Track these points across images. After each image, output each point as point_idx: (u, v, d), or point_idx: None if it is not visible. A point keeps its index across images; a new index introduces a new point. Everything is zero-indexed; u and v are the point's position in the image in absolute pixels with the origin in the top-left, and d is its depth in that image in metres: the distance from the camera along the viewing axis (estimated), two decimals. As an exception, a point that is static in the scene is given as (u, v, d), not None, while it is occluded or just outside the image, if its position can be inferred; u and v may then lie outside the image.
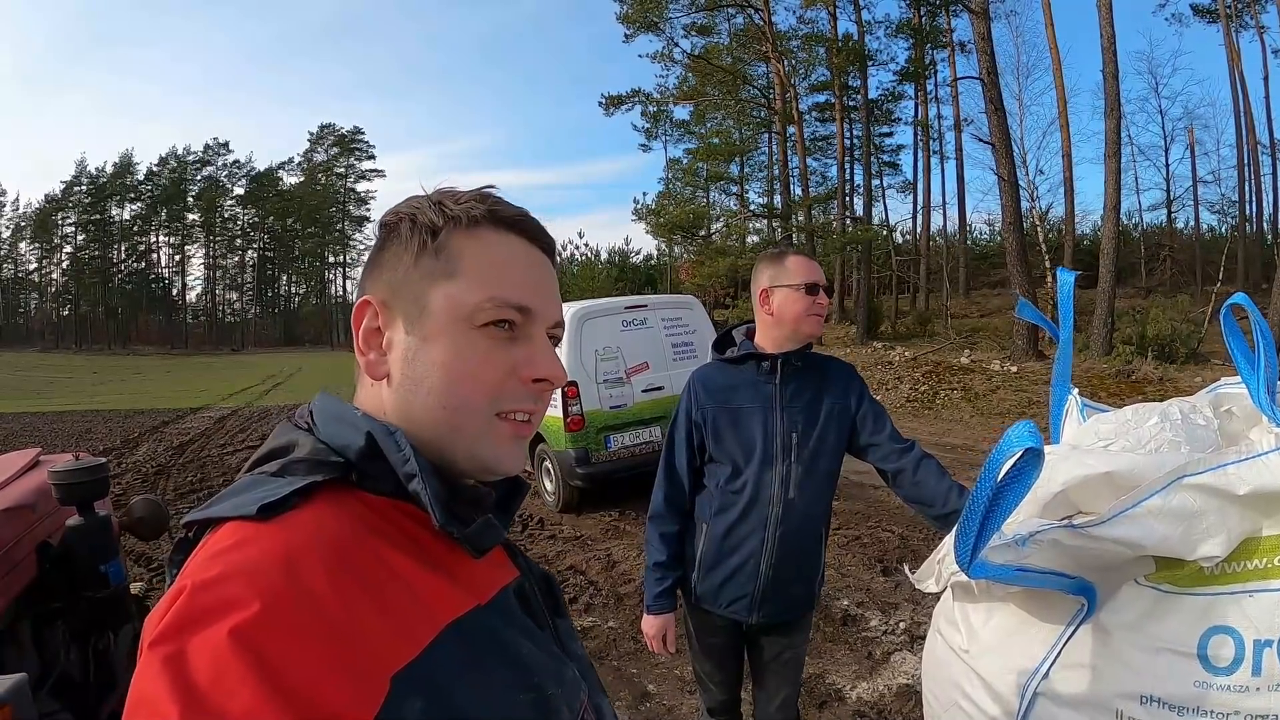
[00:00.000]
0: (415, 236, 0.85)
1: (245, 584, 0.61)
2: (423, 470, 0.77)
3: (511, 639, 0.81)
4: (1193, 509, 1.20)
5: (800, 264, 2.44)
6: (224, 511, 0.71)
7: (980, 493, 1.10)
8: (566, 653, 0.93)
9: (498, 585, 0.87)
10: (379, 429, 0.79)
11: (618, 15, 28.98)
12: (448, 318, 0.83)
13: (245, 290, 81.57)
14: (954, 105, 38.24)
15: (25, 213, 77.58)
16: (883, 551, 6.36)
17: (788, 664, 2.62)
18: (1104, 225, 21.12)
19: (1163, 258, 36.05)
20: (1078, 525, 1.25)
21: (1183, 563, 1.25)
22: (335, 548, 0.69)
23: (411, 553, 0.76)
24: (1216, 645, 1.21)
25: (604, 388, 7.91)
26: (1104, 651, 1.31)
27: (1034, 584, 1.31)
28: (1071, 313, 1.81)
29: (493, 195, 0.89)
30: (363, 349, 0.85)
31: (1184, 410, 1.61)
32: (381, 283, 0.86)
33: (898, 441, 2.44)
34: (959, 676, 1.59)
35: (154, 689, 0.56)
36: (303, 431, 0.83)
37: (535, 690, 0.78)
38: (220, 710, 0.54)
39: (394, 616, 0.68)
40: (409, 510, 0.79)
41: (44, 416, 20.39)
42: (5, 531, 2.88)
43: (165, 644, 0.59)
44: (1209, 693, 1.19)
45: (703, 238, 31.51)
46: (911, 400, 16.23)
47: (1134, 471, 1.29)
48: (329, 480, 0.76)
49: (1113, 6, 19.92)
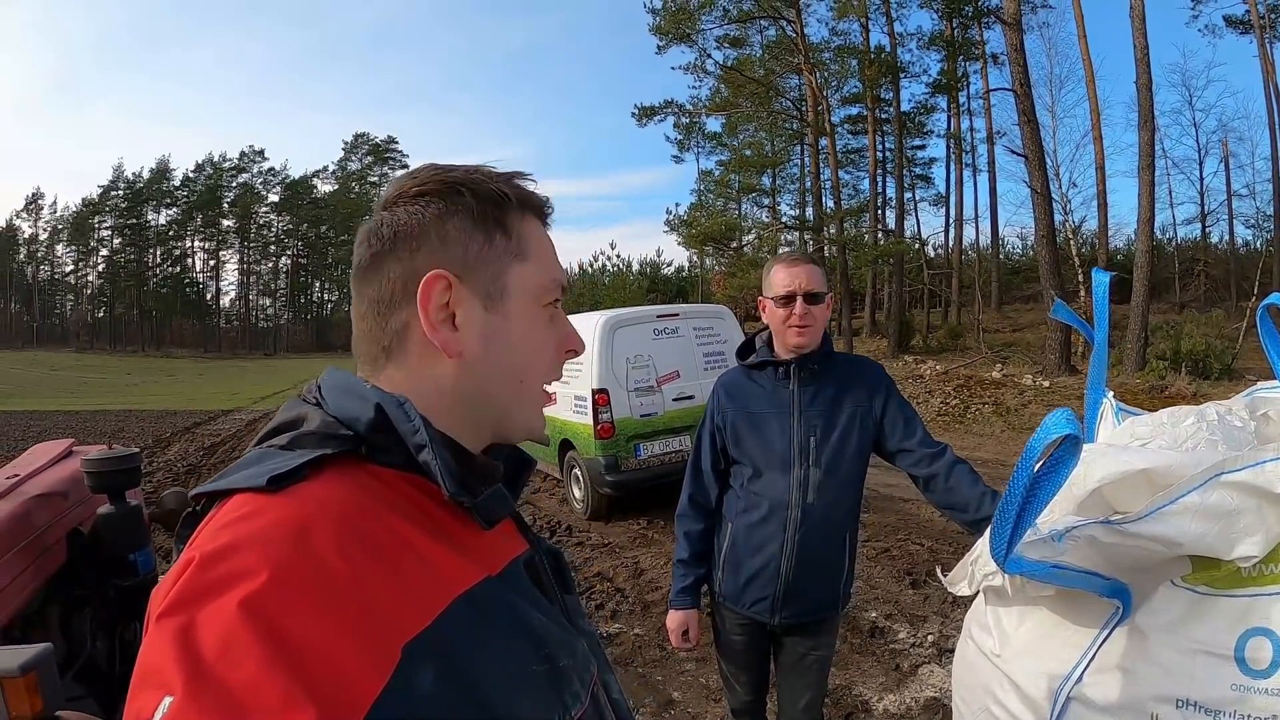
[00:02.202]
0: (485, 211, 0.86)
1: (255, 554, 0.61)
2: (433, 441, 0.77)
3: (523, 610, 0.80)
4: (1230, 507, 1.17)
5: (780, 274, 2.45)
6: (233, 484, 0.71)
7: (1017, 482, 1.08)
8: (575, 628, 0.93)
9: (508, 557, 0.87)
10: (388, 400, 0.79)
11: (651, 27, 29.06)
12: (524, 296, 0.88)
13: (279, 296, 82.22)
14: (987, 117, 38.07)
15: (63, 216, 78.71)
16: (912, 564, 6.30)
17: (812, 666, 2.60)
18: (1138, 239, 20.91)
19: (1197, 272, 35.66)
20: (1114, 522, 1.23)
21: (1219, 563, 1.22)
22: (345, 518, 0.68)
23: (422, 524, 0.76)
24: (1255, 647, 1.18)
25: (634, 396, 7.90)
26: (1139, 654, 1.29)
27: (1069, 583, 1.29)
28: (1107, 315, 1.79)
29: (526, 180, 0.92)
30: (433, 324, 0.83)
31: (1220, 412, 1.59)
32: (449, 257, 0.84)
33: (929, 446, 2.43)
34: (990, 681, 1.57)
35: (161, 660, 0.56)
36: (311, 405, 0.83)
37: (548, 661, 0.78)
38: (227, 681, 0.54)
39: (405, 587, 0.67)
40: (419, 482, 0.78)
41: (78, 415, 20.69)
42: (38, 517, 2.92)
43: (174, 615, 0.58)
44: (1247, 696, 1.17)
45: (735, 249, 31.53)
46: (942, 414, 16.10)
47: (1171, 469, 1.27)
48: (339, 453, 0.76)
49: (1146, 18, 19.77)
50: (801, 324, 2.41)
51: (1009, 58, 22.70)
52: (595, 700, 0.85)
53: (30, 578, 2.80)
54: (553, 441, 8.80)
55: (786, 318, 2.42)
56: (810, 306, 2.40)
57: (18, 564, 2.74)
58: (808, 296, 2.40)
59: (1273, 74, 31.37)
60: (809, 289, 2.40)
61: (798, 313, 2.40)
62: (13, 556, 2.72)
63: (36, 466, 3.33)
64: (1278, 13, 30.86)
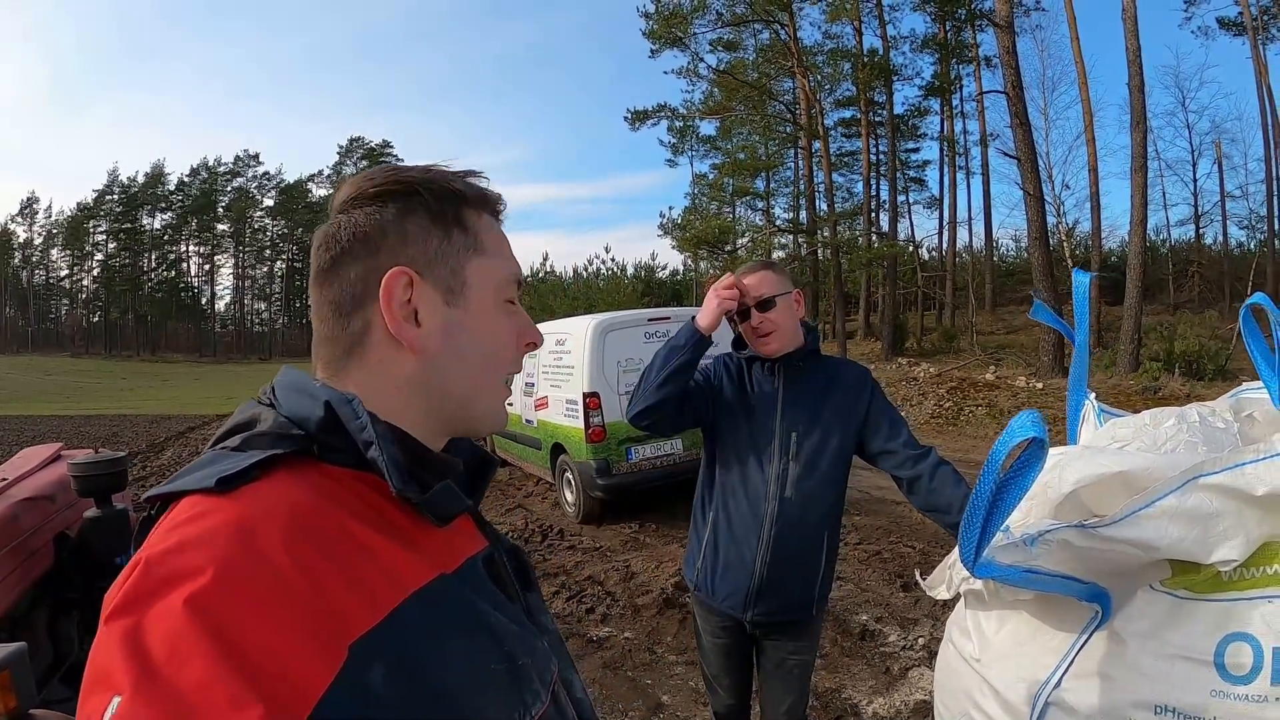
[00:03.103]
0: (444, 210, 0.88)
1: (199, 554, 0.61)
2: (380, 437, 0.77)
3: (480, 608, 0.80)
4: (1209, 510, 1.16)
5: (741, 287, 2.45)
6: (182, 486, 0.71)
7: (983, 486, 1.07)
8: (537, 625, 0.93)
9: (465, 555, 0.87)
10: (337, 398, 0.79)
11: (644, 31, 29.08)
12: (484, 290, 0.89)
13: (273, 300, 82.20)
14: (980, 120, 38.06)
15: (58, 220, 78.67)
16: (902, 567, 6.29)
17: (794, 671, 2.59)
18: (1130, 241, 20.97)
19: (1190, 273, 35.69)
20: (1089, 525, 1.22)
21: (1199, 567, 1.21)
22: (293, 517, 0.68)
23: (375, 523, 0.76)
24: (1234, 653, 1.17)
25: (626, 399, 7.85)
26: (1118, 660, 1.28)
27: (1044, 588, 1.27)
28: (1088, 315, 1.79)
29: (480, 178, 0.94)
30: (395, 320, 0.83)
31: (1202, 414, 1.58)
32: (410, 255, 0.85)
33: (913, 448, 2.42)
34: (970, 686, 1.55)
35: (110, 662, 0.56)
36: (265, 406, 0.83)
37: (507, 659, 0.78)
38: (174, 681, 0.54)
39: (354, 585, 0.67)
40: (373, 481, 0.78)
41: (72, 419, 20.66)
42: (25, 520, 2.93)
43: (121, 617, 0.58)
44: (1226, 702, 1.16)
45: (729, 253, 31.47)
46: (936, 416, 16.12)
47: (1148, 471, 1.25)
48: (291, 453, 0.76)
49: (1138, 20, 19.81)
50: (763, 332, 2.43)
51: (1001, 60, 22.78)
52: (556, 699, 0.86)
53: (17, 580, 2.80)
54: (544, 445, 8.78)
55: (749, 330, 2.46)
56: (764, 314, 2.41)
57: (5, 566, 2.75)
58: (758, 305, 2.41)
59: (1265, 75, 31.50)
60: (758, 296, 2.42)
61: (754, 324, 2.43)
62: (0, 559, 2.73)
63: (24, 470, 3.34)
64: (1270, 15, 31.00)
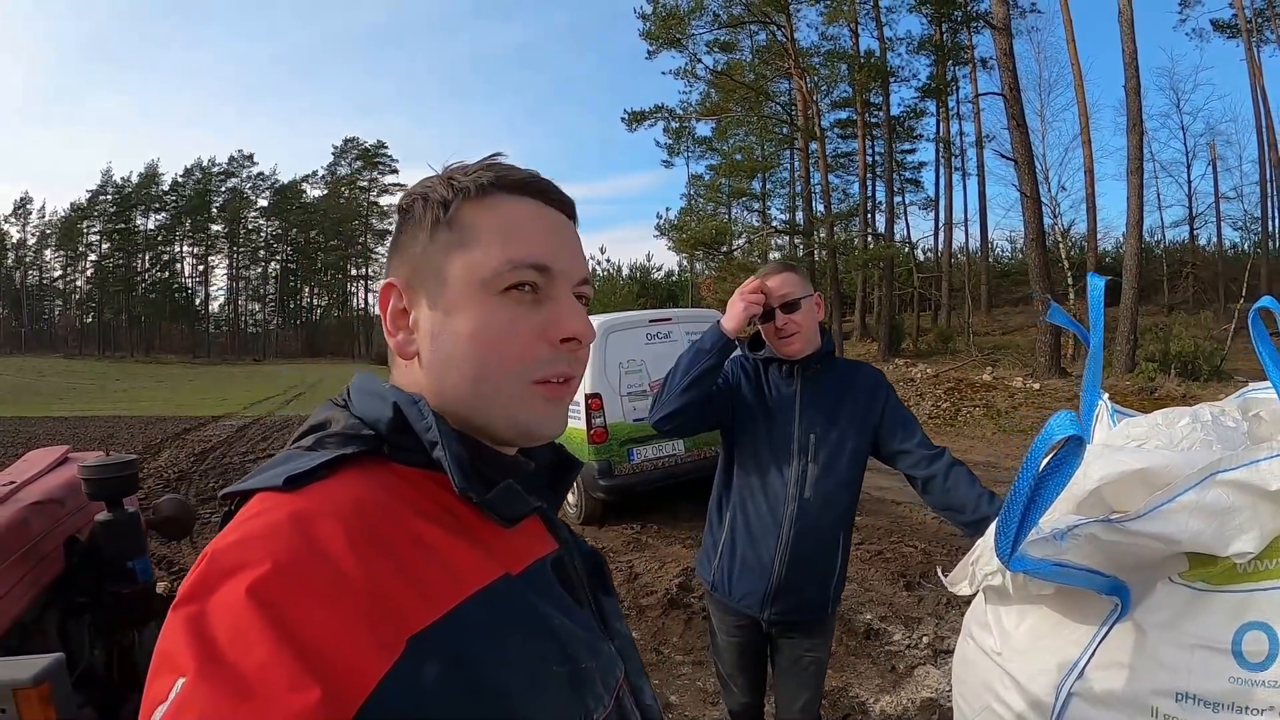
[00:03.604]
0: (429, 213, 0.86)
1: (263, 546, 0.63)
2: (444, 436, 0.78)
3: (543, 610, 0.79)
4: (1226, 505, 1.20)
5: (765, 289, 2.48)
6: (254, 484, 0.74)
7: (1022, 482, 1.11)
8: (608, 630, 0.93)
9: (533, 556, 0.86)
10: (404, 399, 0.81)
11: (641, 32, 29.13)
12: (468, 286, 0.84)
13: (268, 301, 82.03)
14: (976, 121, 38.27)
15: (51, 220, 78.38)
16: (906, 566, 6.34)
17: (809, 668, 2.62)
18: (1126, 242, 21.03)
19: (1186, 274, 35.89)
20: (1114, 520, 1.26)
21: (1216, 560, 1.25)
22: (355, 512, 0.70)
23: (442, 522, 0.77)
24: (1251, 641, 1.21)
25: (628, 400, 7.92)
26: (1139, 650, 1.32)
27: (1071, 581, 1.32)
28: (1102, 319, 1.83)
29: (500, 162, 0.90)
30: (391, 330, 0.87)
31: (1214, 413, 1.62)
32: (402, 264, 0.87)
33: (928, 448, 2.46)
34: (991, 679, 1.59)
35: (174, 646, 0.58)
36: (339, 408, 0.85)
37: (569, 662, 0.77)
38: (236, 663, 0.56)
39: (416, 581, 0.68)
40: (444, 481, 0.78)
41: (67, 421, 20.52)
42: (35, 524, 2.92)
43: (187, 605, 0.61)
44: (1244, 688, 1.20)
45: (725, 254, 31.55)
46: (934, 417, 16.17)
47: (1168, 468, 1.29)
48: (362, 453, 0.78)
49: (1134, 22, 19.92)
50: (787, 333, 2.46)
51: (998, 62, 22.90)
52: (620, 704, 0.84)
53: (28, 586, 2.79)
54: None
55: (772, 332, 2.48)
56: (789, 315, 2.45)
57: (15, 572, 2.73)
58: (784, 306, 2.45)
59: (1260, 77, 31.67)
60: (784, 297, 2.45)
61: (778, 324, 2.45)
62: (10, 565, 2.72)
63: (32, 473, 3.32)
64: (1265, 17, 31.12)
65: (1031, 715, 1.45)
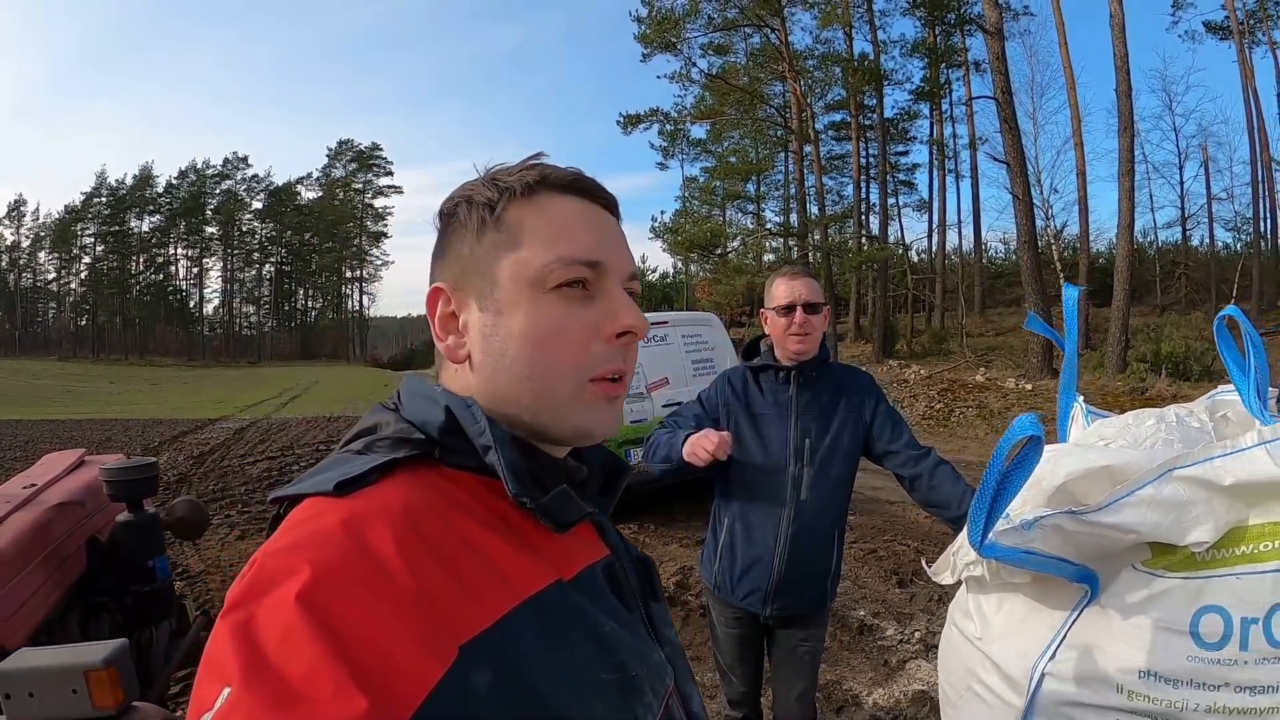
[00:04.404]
0: (474, 215, 0.85)
1: (312, 552, 0.63)
2: (498, 440, 0.77)
3: (595, 617, 0.78)
4: (1182, 498, 1.31)
5: (782, 286, 2.62)
6: (304, 489, 0.73)
7: (989, 477, 1.24)
8: (658, 637, 0.92)
9: (584, 563, 0.85)
10: (457, 403, 0.80)
11: (636, 35, 29.19)
12: (518, 286, 0.83)
13: (262, 304, 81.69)
14: (969, 124, 38.35)
15: (45, 223, 77.86)
16: (898, 564, 6.46)
17: (804, 657, 2.74)
18: (1118, 244, 21.20)
19: (1178, 275, 36.00)
20: (1078, 512, 1.38)
21: (1175, 549, 1.36)
22: (406, 517, 0.69)
23: (494, 527, 0.76)
24: (1207, 623, 1.32)
25: (625, 402, 7.98)
26: (1105, 632, 1.42)
27: (1040, 568, 1.43)
28: (1077, 326, 1.94)
29: (543, 162, 0.90)
30: (440, 335, 0.86)
31: (1180, 414, 1.74)
32: (448, 267, 0.87)
33: (915, 448, 2.60)
34: (973, 663, 1.69)
35: (222, 653, 0.58)
36: (390, 411, 0.84)
37: (619, 670, 0.76)
38: (282, 671, 0.55)
39: (467, 587, 0.67)
40: (496, 486, 0.77)
41: (63, 424, 20.45)
42: (58, 526, 3.01)
43: (236, 611, 0.60)
44: (1201, 666, 1.30)
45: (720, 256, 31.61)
46: (927, 418, 16.28)
47: (1129, 465, 1.40)
48: (413, 457, 0.77)
49: (1125, 26, 20.08)
50: (801, 332, 2.57)
51: (990, 65, 23.02)
52: (670, 711, 0.83)
53: (54, 586, 2.88)
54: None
55: (787, 326, 2.59)
56: (809, 316, 2.57)
57: (41, 573, 2.83)
58: (806, 306, 2.57)
59: (1251, 79, 31.80)
60: (807, 300, 2.57)
61: (797, 321, 2.57)
62: (36, 566, 2.81)
63: (51, 477, 3.41)
64: (1257, 18, 31.25)
65: (1009, 694, 1.55)
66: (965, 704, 1.72)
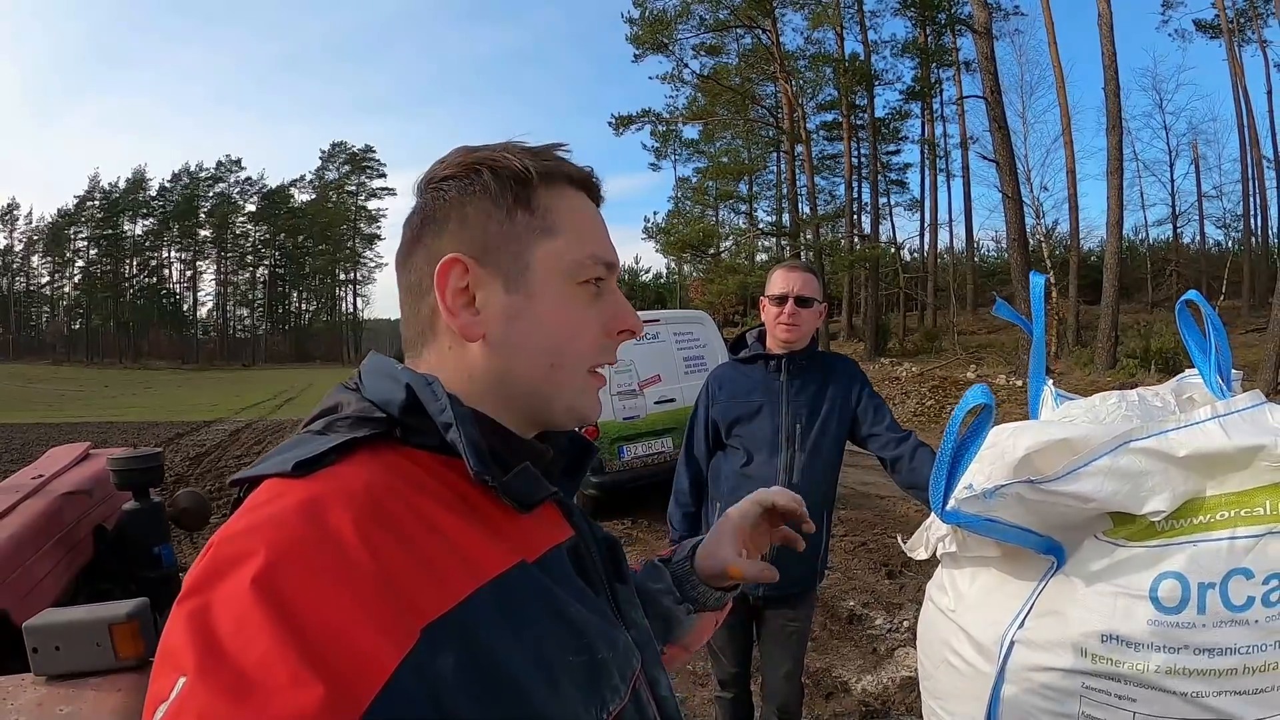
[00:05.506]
0: (506, 190, 0.83)
1: (268, 533, 0.62)
2: (459, 418, 0.76)
3: (560, 599, 0.77)
4: (1138, 469, 1.40)
5: (778, 277, 2.73)
6: (263, 470, 0.72)
7: (946, 446, 1.32)
8: (625, 619, 0.92)
9: (549, 544, 0.84)
10: (418, 380, 0.78)
11: (627, 36, 29.32)
12: (551, 274, 0.84)
13: (256, 306, 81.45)
14: (960, 123, 38.40)
15: (38, 226, 77.53)
16: (887, 556, 6.55)
17: (792, 637, 2.83)
18: (1107, 241, 21.30)
19: (1168, 272, 36.15)
20: (1036, 481, 1.46)
21: (1134, 519, 1.44)
22: (366, 498, 0.68)
23: (456, 508, 0.75)
24: (1166, 589, 1.39)
25: (617, 399, 8.11)
26: (1070, 599, 1.49)
27: (1004, 537, 1.51)
28: (1044, 312, 2.02)
29: (564, 153, 0.90)
30: (452, 309, 0.82)
31: (1143, 394, 1.82)
32: (468, 238, 0.83)
33: (896, 431, 2.69)
34: (947, 634, 1.77)
35: (177, 641, 0.57)
36: (350, 391, 0.83)
37: (586, 653, 0.76)
38: (236, 659, 0.54)
39: (429, 569, 0.66)
40: (456, 465, 0.76)
41: (58, 427, 20.40)
42: (67, 514, 3.09)
43: (191, 598, 0.59)
44: (1160, 629, 1.38)
45: (712, 256, 31.74)
46: (918, 415, 16.40)
47: (1087, 437, 1.49)
48: (373, 436, 0.76)
49: (1114, 25, 20.24)
50: (790, 322, 2.68)
51: (980, 65, 23.14)
52: (637, 696, 0.83)
53: (63, 571, 2.96)
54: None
55: (778, 315, 2.69)
56: (799, 308, 2.67)
57: (51, 558, 2.91)
58: (798, 299, 2.67)
59: (1241, 77, 31.98)
60: (800, 293, 2.68)
61: (788, 311, 2.68)
62: (46, 551, 2.89)
63: (59, 468, 3.50)
64: (1246, 17, 31.41)
65: (981, 662, 1.63)
66: (941, 675, 1.80)
